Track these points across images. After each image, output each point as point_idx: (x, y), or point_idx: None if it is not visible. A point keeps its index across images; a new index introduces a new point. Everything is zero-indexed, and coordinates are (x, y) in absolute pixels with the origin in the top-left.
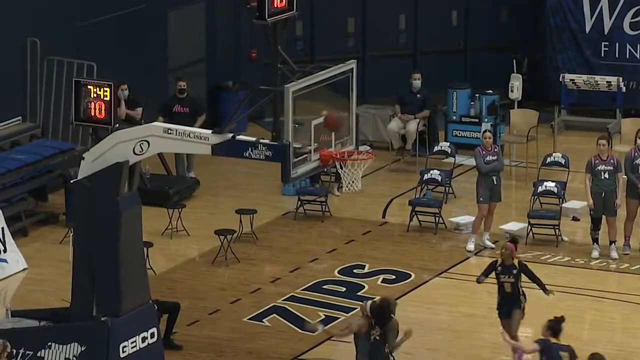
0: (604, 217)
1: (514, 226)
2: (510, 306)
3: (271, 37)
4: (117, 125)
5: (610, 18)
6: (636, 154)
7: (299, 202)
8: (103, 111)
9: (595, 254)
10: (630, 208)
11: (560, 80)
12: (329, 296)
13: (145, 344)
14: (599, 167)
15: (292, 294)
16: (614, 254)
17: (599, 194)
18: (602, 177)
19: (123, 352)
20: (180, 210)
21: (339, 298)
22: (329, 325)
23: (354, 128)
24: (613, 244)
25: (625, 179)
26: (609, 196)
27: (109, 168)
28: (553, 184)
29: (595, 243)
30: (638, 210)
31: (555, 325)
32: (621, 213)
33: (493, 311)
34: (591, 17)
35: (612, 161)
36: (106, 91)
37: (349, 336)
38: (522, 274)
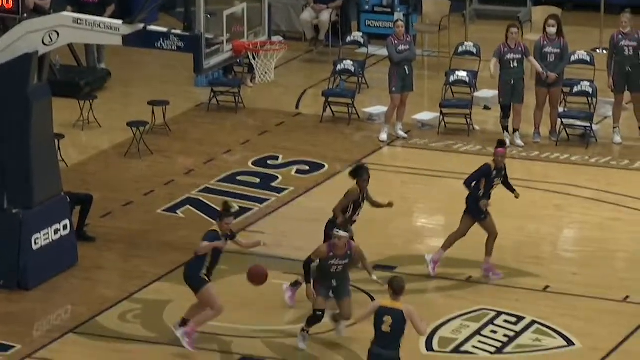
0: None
1: (426, 116)
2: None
3: None
4: (25, 15)
5: None
6: (545, 42)
7: (212, 94)
8: (11, 1)
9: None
10: (539, 97)
11: None
12: (243, 187)
13: (58, 235)
14: (507, 56)
15: (206, 185)
16: (519, 142)
17: (508, 81)
18: (511, 66)
19: (35, 244)
20: (91, 101)
21: (253, 189)
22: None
23: (266, 18)
24: (517, 131)
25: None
26: (517, 84)
27: (18, 59)
28: (465, 74)
29: (505, 131)
30: (546, 98)
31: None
32: (531, 102)
33: (406, 201)
34: None
35: (520, 49)
36: None
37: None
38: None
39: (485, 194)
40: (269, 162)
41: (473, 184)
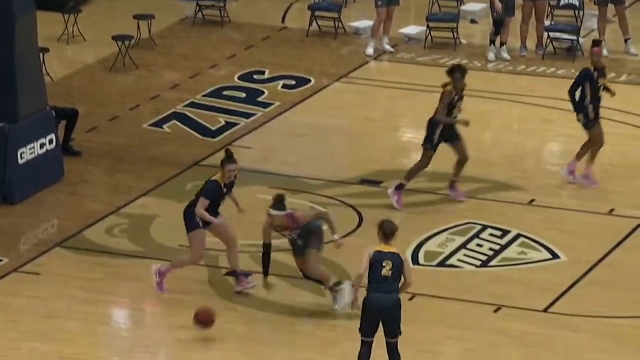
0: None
1: (412, 30)
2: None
3: None
4: None
5: None
6: None
7: (198, 7)
8: None
9: (491, 55)
10: (525, 10)
11: None
12: (229, 102)
13: (44, 150)
14: None
15: (192, 100)
16: (506, 55)
17: None
18: None
19: (21, 158)
20: (76, 15)
21: (239, 104)
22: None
23: None
24: (504, 45)
25: None
26: None
27: None
28: None
29: (491, 44)
30: (532, 11)
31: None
32: (517, 15)
33: (392, 115)
34: None
35: None
36: None
37: None
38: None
39: (593, 99)
40: (255, 76)
41: (577, 91)
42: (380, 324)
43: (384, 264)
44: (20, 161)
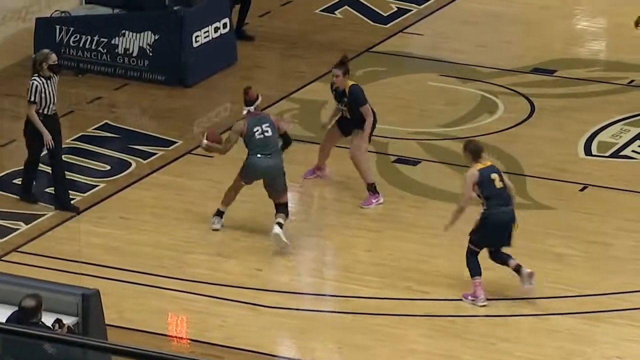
0: None
1: None
2: None
3: None
4: None
5: None
6: None
7: None
8: None
9: None
10: None
11: None
12: None
13: (218, 34)
14: None
15: None
16: None
17: None
18: None
19: (196, 41)
20: None
21: None
22: None
23: None
24: None
25: None
26: None
27: None
28: None
29: None
30: None
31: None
32: None
33: (567, 3)
34: None
35: None
36: None
37: None
38: None
39: None
40: None
41: None
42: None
43: (492, 176)
44: (194, 44)
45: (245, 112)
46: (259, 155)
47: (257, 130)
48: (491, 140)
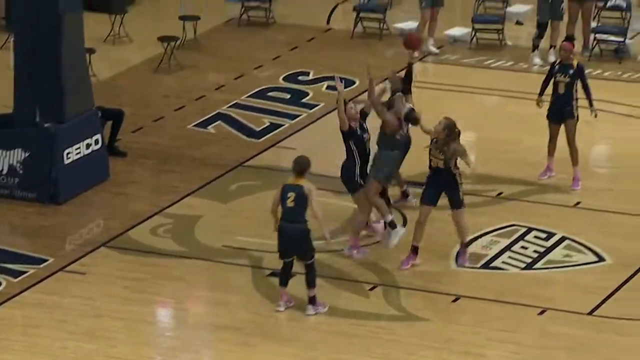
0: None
1: (458, 31)
2: (561, 110)
3: None
4: None
5: None
6: None
7: (243, 8)
8: None
9: (536, 60)
10: (572, 11)
11: None
12: (274, 103)
13: (90, 150)
14: None
15: (236, 101)
16: (553, 58)
17: None
18: None
19: (67, 158)
20: (122, 16)
21: (284, 105)
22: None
23: None
24: (553, 48)
25: None
26: (555, 0)
27: None
28: None
29: (535, 49)
30: (579, 13)
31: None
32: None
33: (438, 117)
34: None
35: None
36: None
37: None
38: (578, 78)
39: (552, 93)
40: (299, 77)
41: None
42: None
43: (289, 194)
44: (66, 161)
45: None
46: None
47: None
48: None
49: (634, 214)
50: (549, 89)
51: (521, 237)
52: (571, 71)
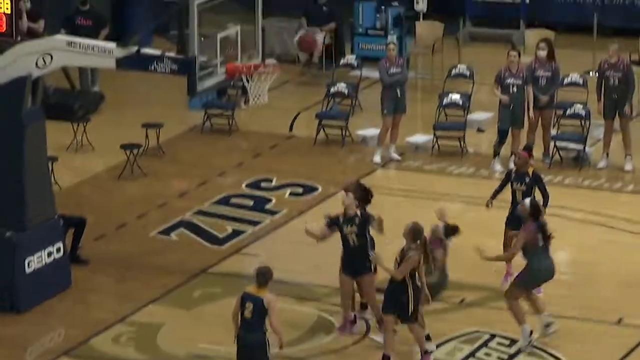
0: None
1: (419, 138)
2: (519, 219)
3: None
4: (19, 38)
5: None
6: (536, 65)
7: (206, 116)
8: (4, 24)
9: (497, 167)
10: (531, 119)
11: None
12: (237, 210)
13: (51, 258)
14: (508, 81)
15: (199, 208)
16: (513, 165)
17: (507, 106)
18: (511, 91)
19: (29, 267)
20: (85, 124)
21: (247, 212)
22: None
23: (260, 41)
24: (514, 155)
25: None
26: (517, 109)
27: (12, 82)
28: (458, 96)
29: (497, 156)
30: (539, 121)
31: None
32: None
33: (400, 224)
34: None
35: (521, 75)
36: (7, 3)
37: None
38: (535, 186)
39: (513, 198)
40: (262, 184)
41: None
42: None
43: (247, 305)
44: (27, 270)
45: None
46: None
47: None
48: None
49: (596, 319)
50: (508, 197)
51: (485, 344)
52: (527, 179)
